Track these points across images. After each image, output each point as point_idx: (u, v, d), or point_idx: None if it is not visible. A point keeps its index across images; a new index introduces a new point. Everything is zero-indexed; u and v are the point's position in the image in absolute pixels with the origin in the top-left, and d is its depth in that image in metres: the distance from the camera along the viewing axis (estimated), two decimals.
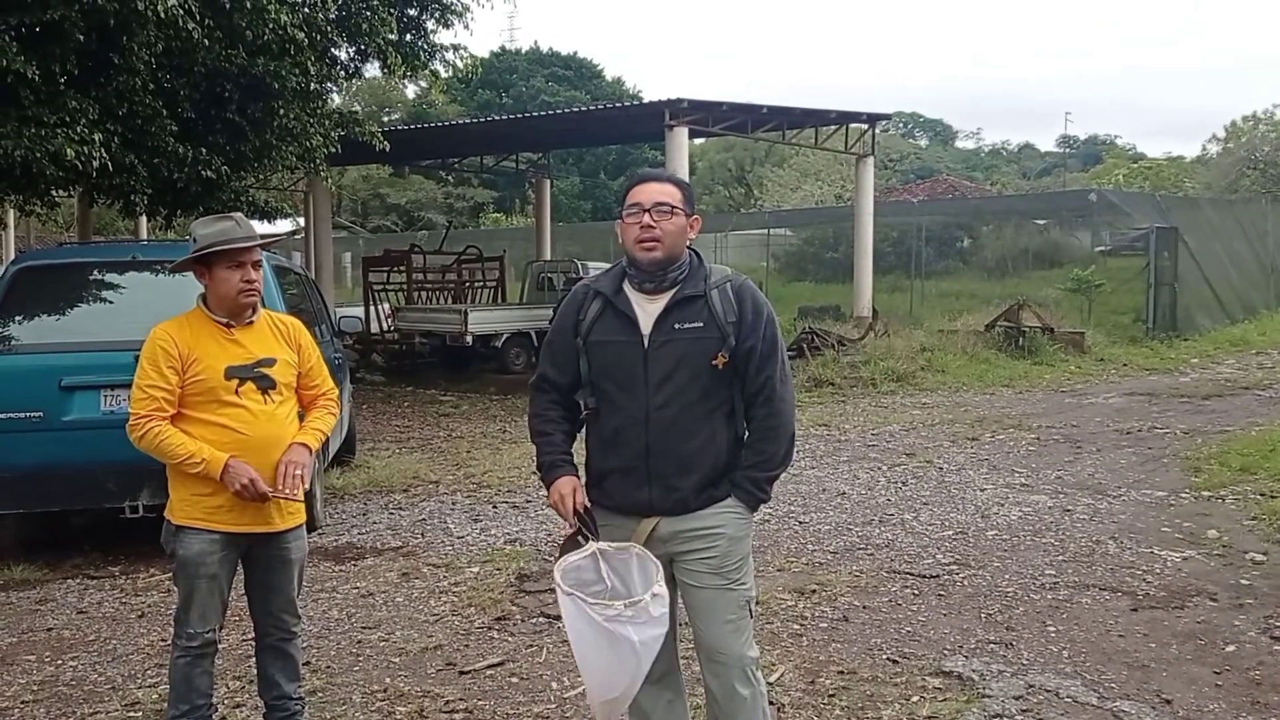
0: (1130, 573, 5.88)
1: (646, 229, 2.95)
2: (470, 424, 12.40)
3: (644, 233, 2.95)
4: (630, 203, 3.00)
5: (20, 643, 5.20)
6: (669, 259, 2.98)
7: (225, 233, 3.50)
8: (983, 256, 27.37)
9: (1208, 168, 46.07)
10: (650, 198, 2.98)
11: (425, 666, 4.72)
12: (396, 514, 7.76)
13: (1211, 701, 4.19)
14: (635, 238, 2.97)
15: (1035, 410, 12.21)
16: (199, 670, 3.57)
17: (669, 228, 2.96)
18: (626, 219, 2.99)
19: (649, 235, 2.95)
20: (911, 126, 76.85)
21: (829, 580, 5.81)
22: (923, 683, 4.39)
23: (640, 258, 2.98)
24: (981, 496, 7.82)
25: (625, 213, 3.00)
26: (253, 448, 3.47)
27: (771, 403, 3.01)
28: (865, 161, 19.42)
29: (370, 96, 40.87)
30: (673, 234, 2.98)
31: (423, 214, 42.87)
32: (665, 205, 2.97)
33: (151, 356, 3.46)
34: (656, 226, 2.95)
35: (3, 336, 6.43)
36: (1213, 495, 7.71)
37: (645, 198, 2.98)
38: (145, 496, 6.13)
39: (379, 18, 10.83)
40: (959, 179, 47.61)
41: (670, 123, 15.38)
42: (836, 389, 14.13)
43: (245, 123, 10.46)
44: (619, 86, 51.50)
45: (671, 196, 2.99)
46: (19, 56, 7.40)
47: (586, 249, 27.06)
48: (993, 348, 16.26)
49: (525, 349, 17.42)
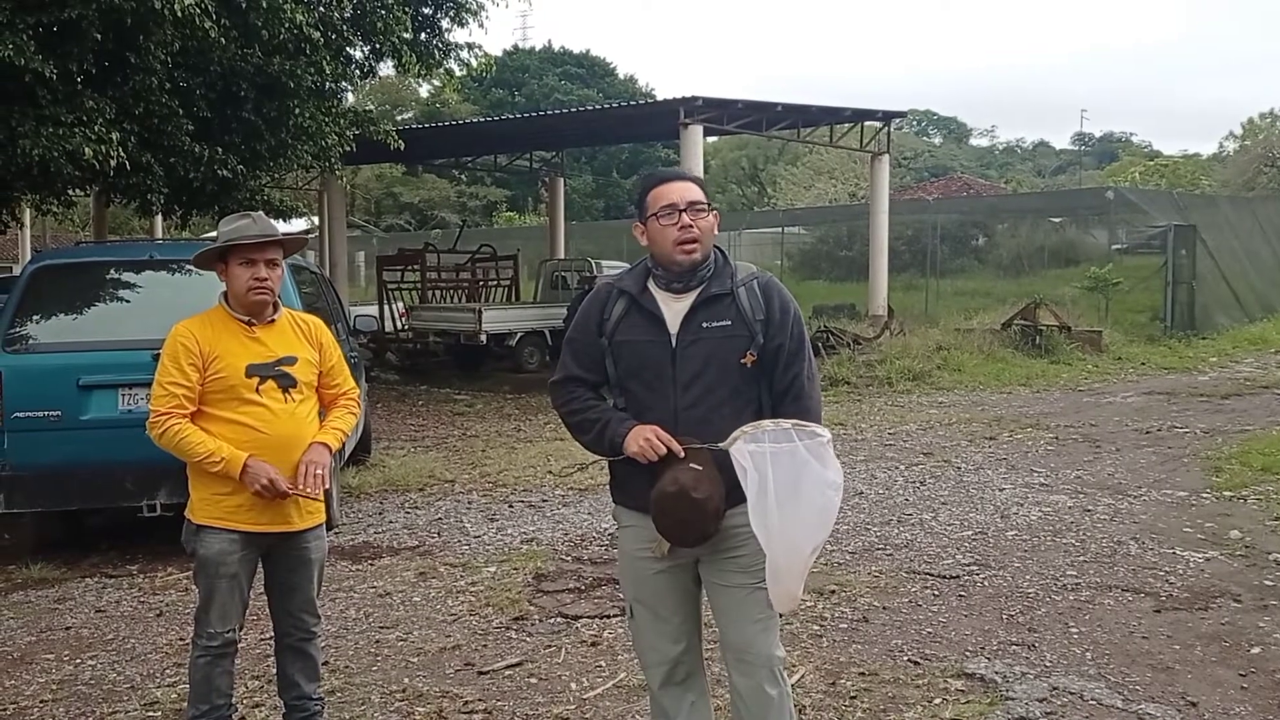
0: (1153, 573, 5.83)
1: (686, 229, 2.90)
2: (485, 423, 12.39)
3: (684, 234, 2.90)
4: (663, 204, 2.93)
5: (39, 641, 5.20)
6: (705, 258, 2.95)
7: (239, 230, 3.49)
8: (998, 255, 27.26)
9: (1225, 165, 45.89)
10: (684, 197, 2.93)
11: (443, 667, 4.70)
12: (413, 513, 7.75)
13: (1237, 704, 4.14)
14: (675, 240, 2.91)
15: (1053, 409, 12.14)
16: (219, 670, 3.55)
17: (704, 226, 2.94)
18: (662, 221, 2.92)
19: (689, 236, 2.91)
20: (925, 124, 76.67)
21: (848, 581, 5.78)
22: (945, 685, 4.35)
23: (681, 260, 2.92)
24: (1000, 496, 7.77)
25: (659, 215, 2.93)
26: (273, 446, 3.45)
27: (800, 400, 2.98)
28: (880, 159, 19.35)
29: (384, 95, 40.92)
30: (707, 232, 2.95)
31: (436, 213, 42.93)
32: (700, 204, 2.94)
33: (173, 353, 3.45)
34: (694, 226, 2.91)
35: (20, 336, 6.44)
36: (1234, 495, 7.64)
37: (678, 197, 2.93)
38: (163, 495, 6.13)
39: (394, 16, 10.84)
40: (973, 177, 47.48)
41: (684, 121, 15.35)
42: (852, 388, 14.09)
43: (261, 122, 10.48)
44: (632, 84, 51.53)
45: (700, 194, 2.96)
46: (37, 56, 7.43)
47: (600, 248, 27.03)
48: (1009, 346, 16.18)
49: (539, 348, 17.43)
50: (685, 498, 2.81)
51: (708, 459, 2.85)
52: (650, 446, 2.86)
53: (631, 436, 2.90)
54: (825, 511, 2.79)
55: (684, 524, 2.86)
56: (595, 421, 3.01)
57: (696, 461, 2.85)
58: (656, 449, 2.86)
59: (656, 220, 2.94)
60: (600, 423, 3.00)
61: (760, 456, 2.75)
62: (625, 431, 2.92)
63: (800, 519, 2.75)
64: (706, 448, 2.86)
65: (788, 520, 2.74)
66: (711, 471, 2.84)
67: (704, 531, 2.87)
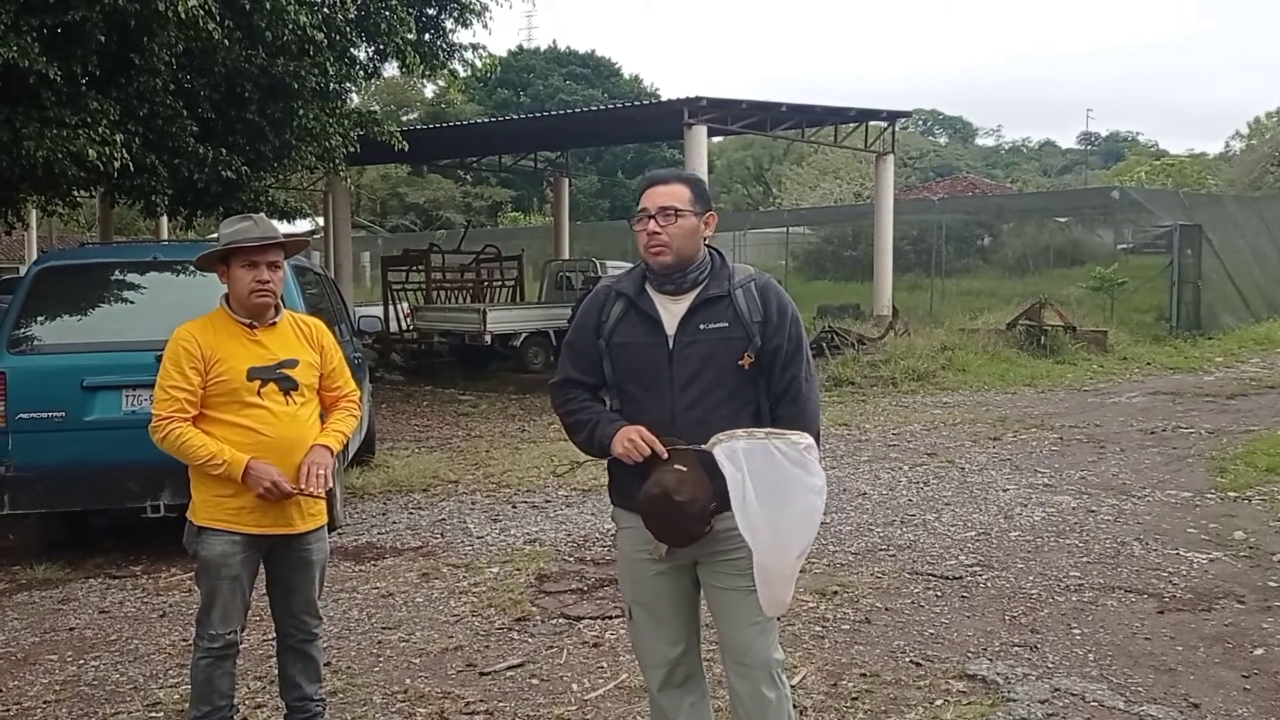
0: (1156, 574, 5.82)
1: (653, 235, 2.94)
2: (489, 423, 12.40)
3: (650, 239, 2.95)
4: (638, 208, 2.99)
5: (43, 642, 5.22)
6: (679, 262, 2.96)
7: (241, 233, 3.50)
8: (1003, 255, 27.20)
9: (1231, 164, 45.77)
10: (655, 202, 2.96)
11: (445, 667, 4.71)
12: (416, 514, 7.76)
13: (1240, 705, 4.13)
14: (643, 244, 2.97)
15: (1058, 410, 12.12)
16: (220, 671, 3.57)
17: (675, 232, 2.94)
18: (635, 225, 2.99)
19: (656, 241, 2.94)
20: (931, 124, 76.57)
21: (850, 582, 5.77)
22: (946, 686, 4.35)
23: (652, 263, 2.98)
24: (1004, 497, 7.76)
25: (634, 218, 2.99)
26: (274, 449, 3.46)
27: (797, 402, 2.99)
28: (885, 159, 19.32)
29: (389, 96, 40.99)
30: (680, 237, 2.95)
31: (441, 213, 42.95)
32: (670, 209, 2.95)
33: (174, 357, 3.46)
34: (662, 232, 2.94)
35: (25, 337, 6.46)
36: (1239, 496, 7.63)
37: (651, 203, 2.97)
38: (166, 496, 6.14)
39: (398, 18, 10.86)
40: (979, 177, 47.38)
41: (688, 121, 15.35)
42: (857, 388, 14.08)
43: (265, 123, 10.50)
44: (637, 84, 51.51)
45: (678, 199, 2.96)
46: (41, 58, 7.45)
47: (605, 248, 27.01)
48: (1014, 347, 16.16)
49: (544, 348, 17.43)
50: (668, 500, 2.82)
51: (694, 461, 2.86)
52: (635, 447, 2.88)
53: (617, 438, 2.92)
54: (809, 515, 2.80)
55: (669, 526, 2.87)
56: (586, 423, 3.03)
57: (682, 463, 2.86)
58: (641, 449, 2.87)
59: (633, 223, 2.99)
60: (590, 424, 3.02)
61: (735, 454, 2.77)
62: (613, 433, 2.94)
63: (785, 522, 2.77)
64: (691, 449, 2.86)
65: (772, 522, 2.75)
66: (697, 474, 2.85)
67: (690, 533, 2.88)
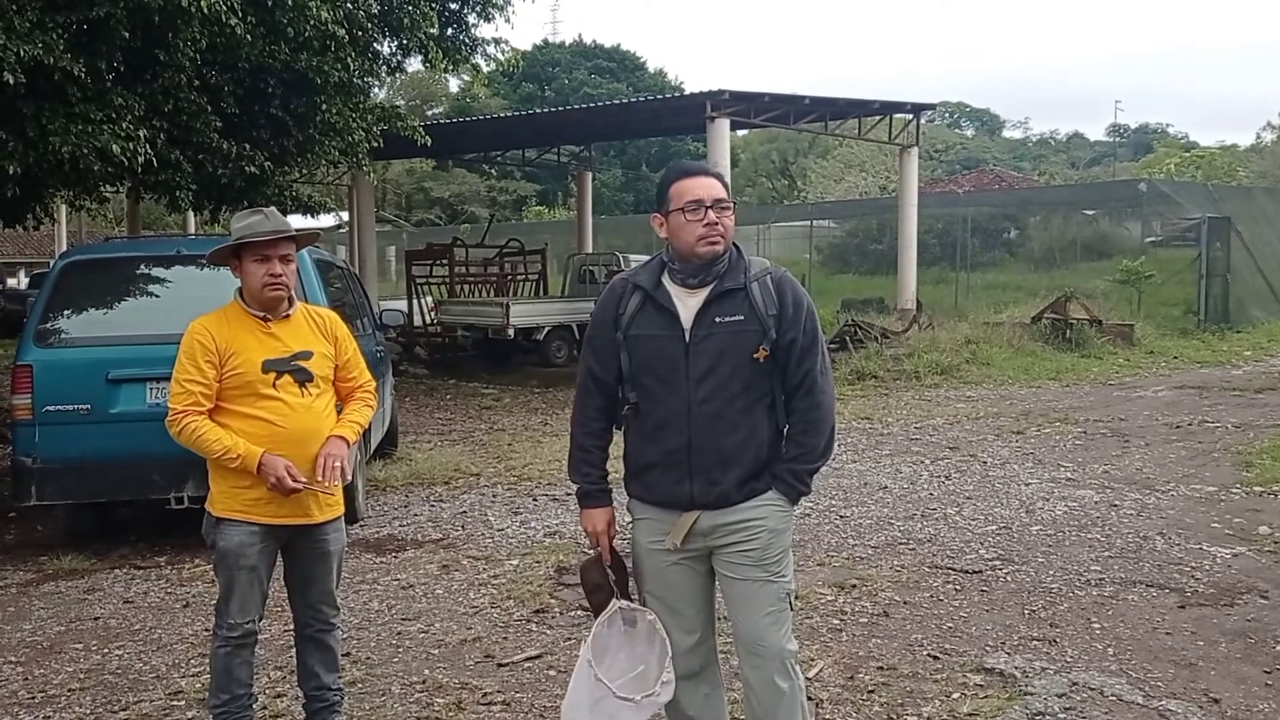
0: (1178, 569, 5.77)
1: (712, 226, 2.93)
2: (512, 417, 12.44)
3: (710, 230, 2.93)
4: (690, 199, 2.94)
5: (68, 631, 5.29)
6: (725, 253, 2.98)
7: (251, 226, 3.52)
8: (1029, 248, 27.05)
9: (1262, 156, 45.22)
10: (710, 194, 2.95)
11: (464, 658, 4.74)
12: (437, 506, 7.80)
13: (1261, 701, 4.09)
14: (700, 235, 2.93)
15: (1082, 404, 12.04)
16: (239, 660, 3.60)
17: (729, 223, 2.97)
18: (688, 216, 2.93)
19: (715, 232, 2.93)
20: (958, 116, 76.13)
21: (870, 575, 5.76)
22: (964, 679, 4.33)
23: (704, 253, 2.94)
24: (1026, 491, 7.71)
25: (685, 209, 2.94)
26: (290, 441, 3.48)
27: (812, 395, 2.99)
28: (909, 152, 19.22)
29: (414, 91, 41.10)
30: (731, 229, 2.99)
31: (466, 207, 43.10)
32: (726, 202, 2.97)
33: (189, 351, 3.49)
34: (720, 223, 2.94)
35: (51, 330, 6.54)
36: (1264, 491, 7.55)
37: (706, 194, 2.95)
38: (190, 488, 6.19)
39: (420, 12, 10.87)
40: (1005, 170, 47.06)
41: (711, 114, 15.33)
42: (879, 382, 14.03)
43: (288, 118, 10.54)
44: (661, 78, 51.47)
45: (724, 192, 2.99)
46: (66, 54, 7.51)
47: (628, 241, 27.05)
48: (1039, 340, 16.06)
49: (567, 341, 17.47)
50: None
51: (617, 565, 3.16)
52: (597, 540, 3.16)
53: (589, 517, 3.14)
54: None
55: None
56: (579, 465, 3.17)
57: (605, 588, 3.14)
58: (602, 546, 3.15)
59: (681, 215, 2.95)
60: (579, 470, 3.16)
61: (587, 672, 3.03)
62: (588, 507, 3.14)
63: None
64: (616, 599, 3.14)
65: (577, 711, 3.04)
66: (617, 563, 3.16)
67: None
